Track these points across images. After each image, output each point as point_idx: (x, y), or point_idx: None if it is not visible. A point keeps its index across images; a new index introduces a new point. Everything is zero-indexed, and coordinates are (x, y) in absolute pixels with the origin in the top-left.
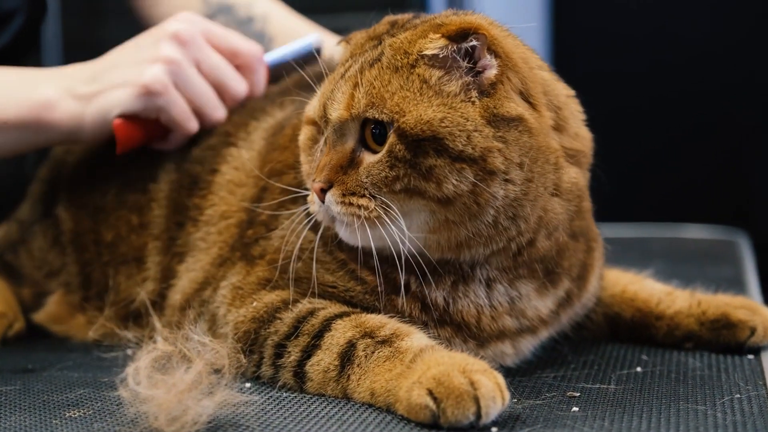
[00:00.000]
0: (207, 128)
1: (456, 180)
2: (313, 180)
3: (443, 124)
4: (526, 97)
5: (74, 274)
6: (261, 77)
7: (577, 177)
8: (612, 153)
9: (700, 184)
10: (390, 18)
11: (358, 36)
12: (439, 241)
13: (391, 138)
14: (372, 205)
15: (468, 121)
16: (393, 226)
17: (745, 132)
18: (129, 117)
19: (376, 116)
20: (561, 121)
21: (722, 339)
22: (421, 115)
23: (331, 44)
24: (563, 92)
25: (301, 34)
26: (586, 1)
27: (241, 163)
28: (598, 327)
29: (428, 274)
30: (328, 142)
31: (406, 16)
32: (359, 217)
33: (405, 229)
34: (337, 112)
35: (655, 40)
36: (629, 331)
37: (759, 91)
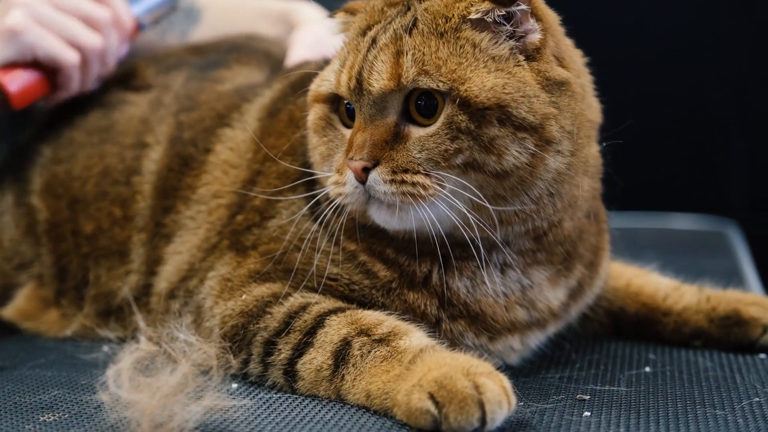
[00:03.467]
0: (90, 59)
1: (517, 151)
2: (351, 158)
3: (506, 91)
4: (560, 62)
5: (49, 265)
6: (120, 3)
7: (597, 152)
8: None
9: (682, 173)
10: None
11: (371, 4)
12: (481, 218)
13: (449, 108)
14: (428, 182)
15: (527, 86)
16: (443, 204)
17: (724, 121)
18: (9, 68)
19: (431, 85)
20: (582, 89)
21: (733, 337)
22: (483, 82)
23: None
24: (580, 59)
25: (229, 0)
26: None
27: (236, 143)
28: (600, 322)
29: (454, 259)
30: (361, 117)
31: None
32: (413, 195)
33: (458, 206)
34: (380, 83)
35: (637, 29)
36: (634, 327)
37: (732, 87)
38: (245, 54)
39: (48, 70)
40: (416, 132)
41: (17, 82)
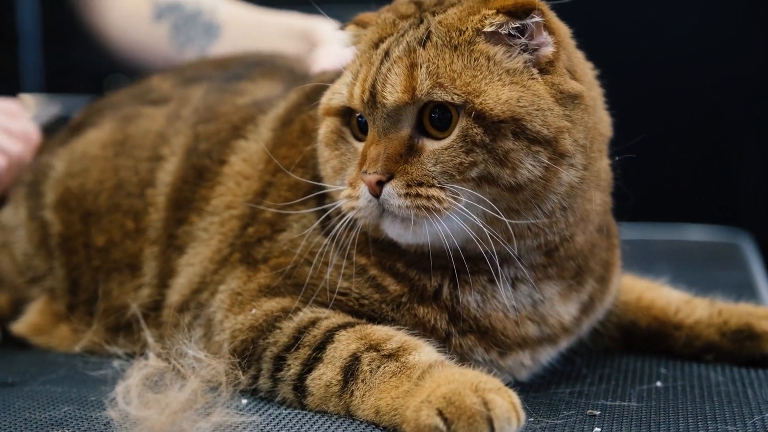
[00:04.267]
0: (12, 163)
1: (531, 164)
2: (365, 171)
3: (520, 104)
4: (573, 75)
5: (61, 278)
6: (27, 122)
7: (608, 166)
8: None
9: (695, 184)
10: None
11: (382, 17)
12: (495, 231)
13: (464, 121)
14: (443, 195)
15: (541, 99)
16: (458, 218)
17: (739, 129)
18: None
19: (446, 98)
20: (594, 102)
21: (745, 351)
22: (498, 95)
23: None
24: (591, 72)
25: (249, 17)
26: None
27: (249, 154)
28: (611, 336)
29: (467, 273)
30: (375, 130)
31: None
32: (428, 209)
33: (472, 219)
34: (394, 96)
35: (647, 36)
36: (645, 340)
37: (747, 93)
38: (270, 68)
39: None
40: (430, 145)
41: None
